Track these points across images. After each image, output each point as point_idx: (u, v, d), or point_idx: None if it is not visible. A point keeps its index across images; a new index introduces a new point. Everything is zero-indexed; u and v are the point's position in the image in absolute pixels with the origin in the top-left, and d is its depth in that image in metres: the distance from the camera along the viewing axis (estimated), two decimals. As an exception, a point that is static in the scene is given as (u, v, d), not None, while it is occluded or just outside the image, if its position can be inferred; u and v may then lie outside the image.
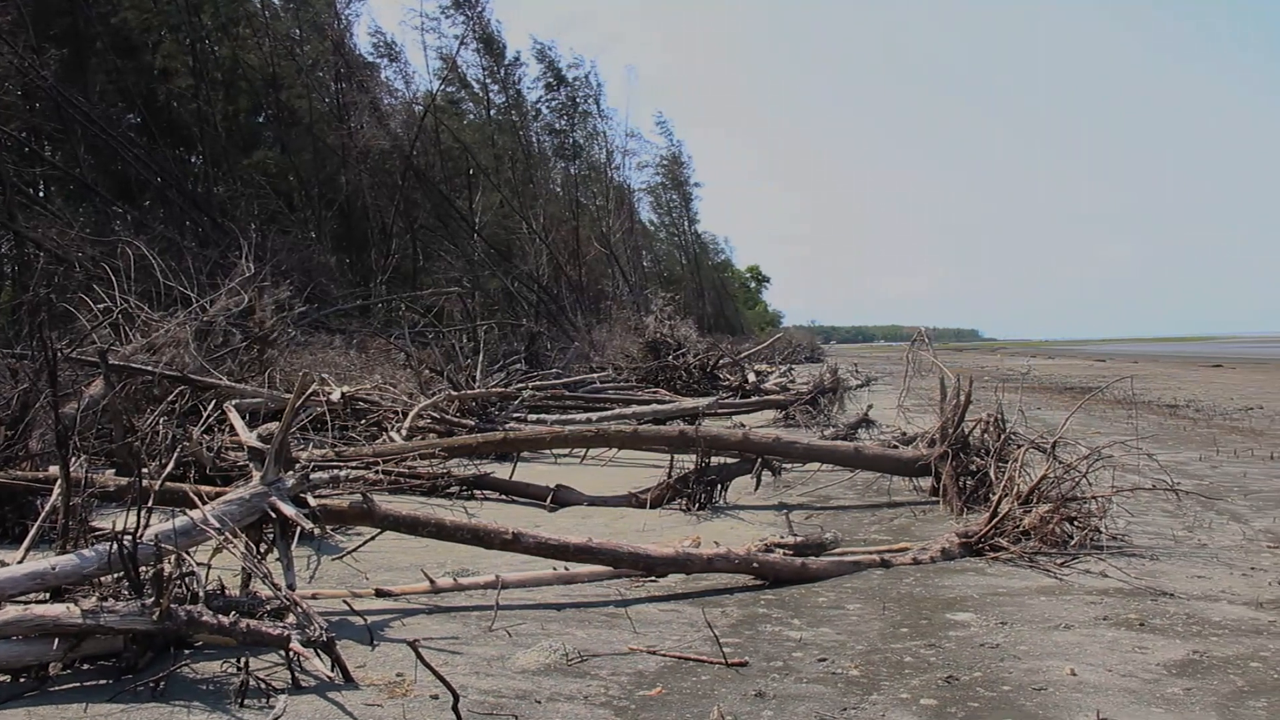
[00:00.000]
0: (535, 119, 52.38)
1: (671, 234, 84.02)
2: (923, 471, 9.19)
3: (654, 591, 6.00)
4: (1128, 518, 8.09)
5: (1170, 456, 12.45)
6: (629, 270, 59.07)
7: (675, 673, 4.49)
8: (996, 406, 9.00)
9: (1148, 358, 66.71)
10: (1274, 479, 10.69)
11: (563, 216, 50.22)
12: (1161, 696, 4.18)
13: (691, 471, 9.08)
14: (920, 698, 4.18)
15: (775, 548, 6.42)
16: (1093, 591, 5.92)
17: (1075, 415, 9.08)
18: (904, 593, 5.94)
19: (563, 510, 8.98)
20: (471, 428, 12.55)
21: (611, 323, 32.78)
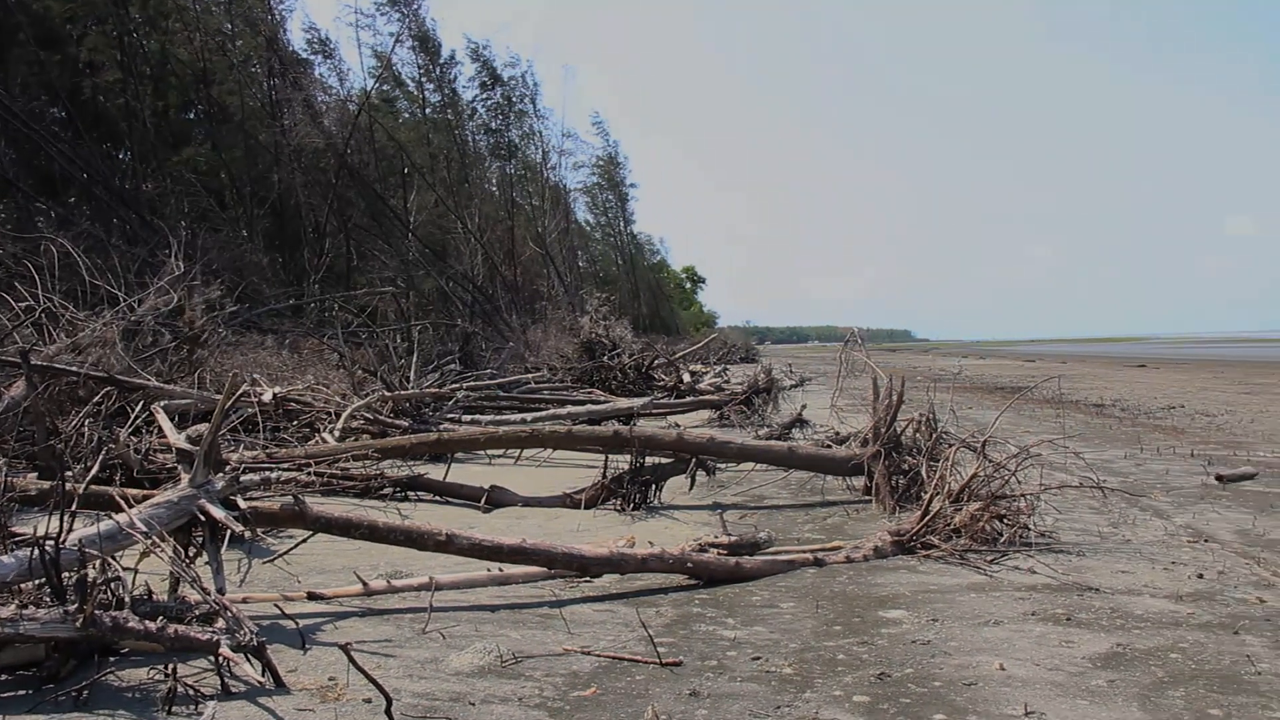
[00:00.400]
0: (471, 118, 52.15)
1: (607, 234, 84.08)
2: (856, 471, 9.27)
3: (589, 592, 5.99)
4: (1056, 515, 8.23)
5: (1096, 454, 12.69)
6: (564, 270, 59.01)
7: (610, 673, 4.50)
8: (928, 406, 9.11)
9: (1075, 358, 67.99)
10: (1194, 476, 10.93)
11: (498, 216, 50.04)
12: (1086, 689, 4.26)
13: (626, 472, 9.09)
14: (853, 694, 4.22)
15: (710, 547, 6.44)
16: (1021, 587, 6.02)
17: (1005, 415, 9.20)
18: (837, 591, 6.00)
19: (497, 511, 8.94)
20: (405, 429, 12.46)
21: (547, 323, 32.75)
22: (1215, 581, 6.17)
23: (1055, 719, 3.94)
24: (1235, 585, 6.09)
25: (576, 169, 75.74)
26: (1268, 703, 4.10)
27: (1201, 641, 4.94)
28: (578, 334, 24.17)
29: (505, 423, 13.89)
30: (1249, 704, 4.09)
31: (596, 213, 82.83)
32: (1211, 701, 4.11)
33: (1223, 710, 4.02)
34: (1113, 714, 3.99)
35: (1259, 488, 10.11)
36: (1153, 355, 70.08)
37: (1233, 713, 4.00)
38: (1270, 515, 8.54)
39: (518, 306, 43.03)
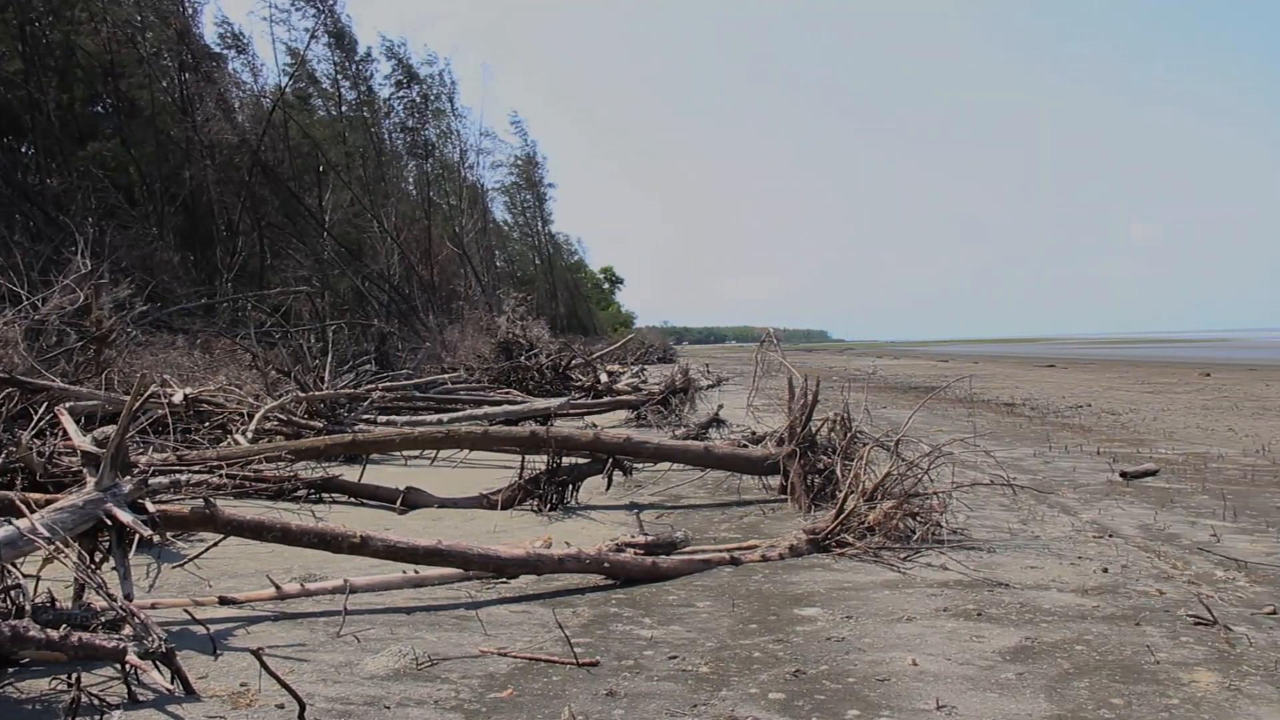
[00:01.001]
0: (387, 116, 51.58)
1: (525, 234, 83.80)
2: (772, 470, 9.34)
3: (505, 593, 5.97)
4: (967, 512, 8.37)
5: (1007, 453, 12.95)
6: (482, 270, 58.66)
7: (527, 674, 4.48)
8: (843, 406, 9.21)
9: (987, 358, 69.28)
10: (1100, 473, 11.21)
11: (415, 215, 49.56)
12: (996, 682, 4.35)
13: (543, 472, 9.07)
14: (769, 692, 4.25)
15: (626, 547, 6.45)
16: (934, 584, 6.11)
17: (918, 414, 9.37)
18: (753, 589, 6.04)
19: (413, 512, 8.87)
20: (320, 430, 12.29)
21: (464, 323, 32.53)
22: (1119, 575, 6.34)
23: (966, 712, 4.01)
24: (1137, 578, 6.25)
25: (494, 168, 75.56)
26: (1165, 690, 4.23)
27: (1105, 633, 5.07)
28: (495, 334, 24.06)
29: (421, 423, 13.77)
30: (1149, 692, 4.21)
31: (514, 212, 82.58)
32: (1114, 691, 4.22)
33: (1124, 699, 4.13)
34: (1021, 706, 4.07)
35: (1160, 484, 10.41)
36: (1062, 356, 71.68)
37: (1133, 701, 4.11)
38: (1170, 510, 8.80)
39: (434, 306, 42.69)
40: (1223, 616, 5.32)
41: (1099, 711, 4.00)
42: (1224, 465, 11.87)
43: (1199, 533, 7.82)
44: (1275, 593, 5.97)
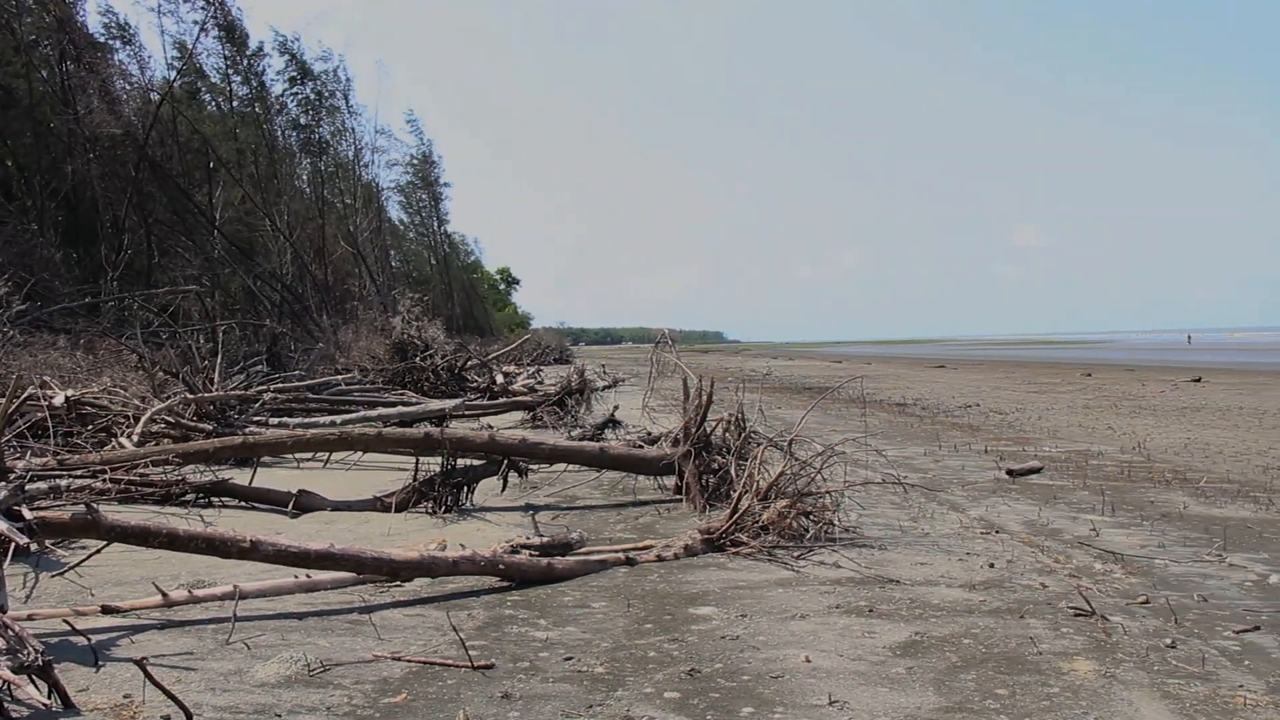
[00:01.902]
0: (280, 113, 50.58)
1: (421, 234, 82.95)
2: (667, 470, 9.38)
3: (399, 596, 5.89)
4: (860, 510, 8.52)
5: (899, 452, 13.20)
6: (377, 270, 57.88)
7: (421, 678, 4.43)
8: (738, 406, 9.30)
9: (880, 359, 70.58)
10: (988, 471, 11.49)
11: (309, 214, 48.68)
12: (887, 676, 4.43)
13: (438, 474, 8.98)
14: (664, 691, 4.26)
15: (521, 549, 6.43)
16: (827, 581, 6.20)
17: (812, 414, 9.48)
18: (648, 589, 6.06)
19: (306, 516, 8.71)
20: (209, 432, 12.01)
21: (358, 324, 32.06)
22: (1004, 570, 6.51)
23: (858, 707, 4.07)
24: (1022, 573, 6.43)
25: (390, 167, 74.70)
26: (1046, 680, 4.36)
27: (991, 627, 5.20)
28: (389, 335, 23.76)
29: (314, 425, 13.55)
30: (1031, 682, 4.33)
31: (410, 212, 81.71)
32: (999, 682, 4.33)
33: (1008, 690, 4.24)
34: (910, 699, 4.15)
35: (1044, 481, 10.71)
36: (952, 356, 73.32)
37: (1017, 691, 4.22)
38: (1053, 506, 9.06)
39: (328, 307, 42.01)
40: (1100, 607, 5.52)
41: (985, 702, 4.10)
42: (1103, 462, 12.26)
43: (1080, 527, 8.08)
44: (1148, 583, 6.22)
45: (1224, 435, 15.48)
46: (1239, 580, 6.35)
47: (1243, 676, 4.47)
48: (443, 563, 5.95)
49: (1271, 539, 7.62)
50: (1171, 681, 4.36)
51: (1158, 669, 4.53)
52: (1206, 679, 4.41)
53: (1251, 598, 5.93)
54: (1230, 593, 6.04)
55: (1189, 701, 4.12)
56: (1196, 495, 9.64)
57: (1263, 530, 7.94)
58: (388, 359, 22.88)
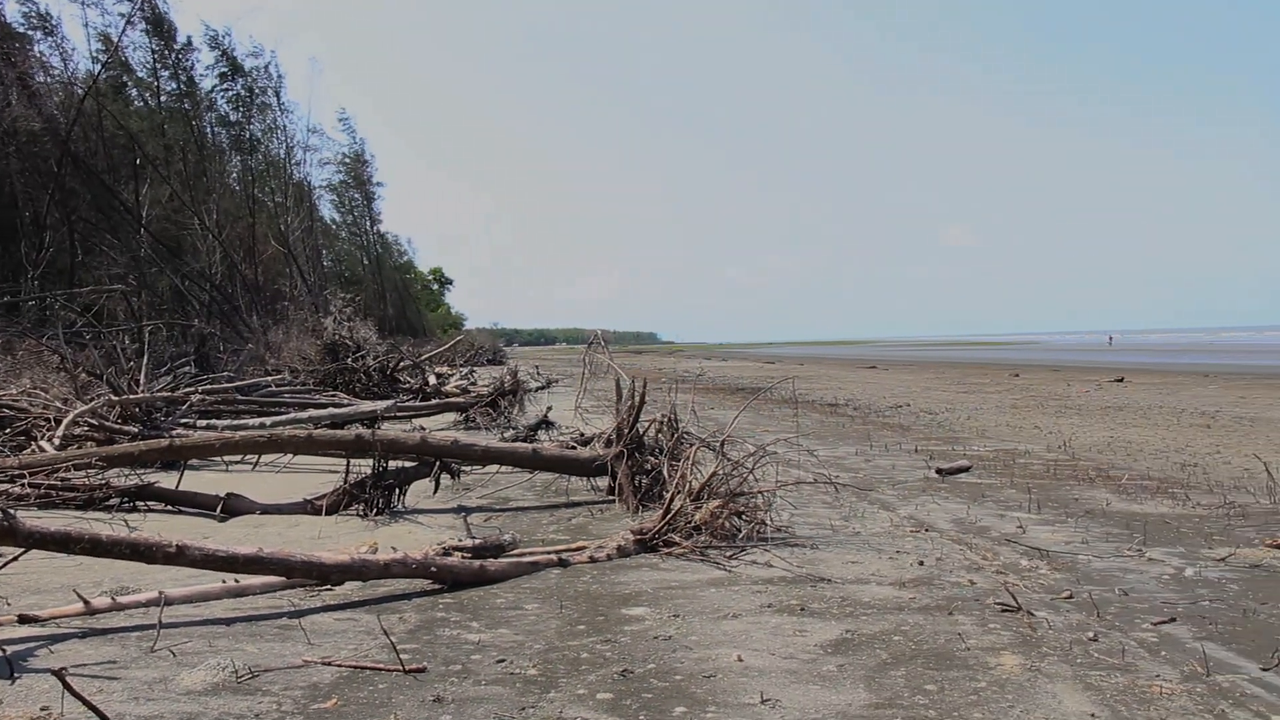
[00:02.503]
0: (210, 109, 49.85)
1: (353, 233, 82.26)
2: (600, 471, 9.39)
3: (329, 600, 5.83)
4: (792, 510, 8.59)
5: (830, 452, 13.33)
6: (308, 270, 57.28)
7: (352, 683, 4.39)
8: (670, 407, 9.33)
9: (812, 360, 71.17)
10: (917, 470, 11.63)
11: (239, 213, 48.01)
12: (818, 674, 4.47)
13: (369, 476, 8.90)
14: (597, 692, 4.27)
15: (454, 551, 6.39)
16: (759, 581, 6.24)
17: (744, 415, 9.54)
18: (581, 591, 6.06)
19: (234, 520, 8.58)
20: (134, 435, 11.79)
21: (289, 324, 31.65)
22: (934, 568, 6.60)
23: (790, 705, 4.10)
24: (951, 570, 6.53)
25: (322, 166, 74.04)
26: (974, 675, 4.44)
27: (921, 624, 5.27)
28: (321, 335, 23.49)
29: (243, 427, 13.37)
30: (959, 677, 4.40)
31: (343, 211, 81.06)
32: (928, 678, 4.39)
33: (937, 685, 4.30)
34: (842, 696, 4.19)
35: (973, 479, 10.87)
36: (883, 357, 74.15)
37: (945, 686, 4.29)
38: (981, 504, 9.21)
39: (258, 307, 41.50)
40: (1026, 603, 5.64)
41: (914, 698, 4.16)
42: (1030, 461, 12.47)
43: (1007, 525, 8.22)
44: (1072, 579, 6.36)
45: (1145, 434, 15.83)
46: (1157, 574, 6.52)
47: (1159, 667, 4.61)
48: (374, 565, 5.90)
49: (1188, 534, 7.82)
50: (1093, 673, 4.47)
51: (1080, 661, 4.64)
52: (1126, 670, 4.53)
53: (1169, 590, 6.09)
54: (1149, 586, 6.20)
55: (1109, 692, 4.22)
56: (1119, 492, 9.85)
57: (1180, 525, 8.15)
58: (319, 360, 22.62)
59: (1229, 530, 7.96)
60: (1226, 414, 19.31)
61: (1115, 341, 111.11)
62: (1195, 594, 6.01)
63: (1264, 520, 8.35)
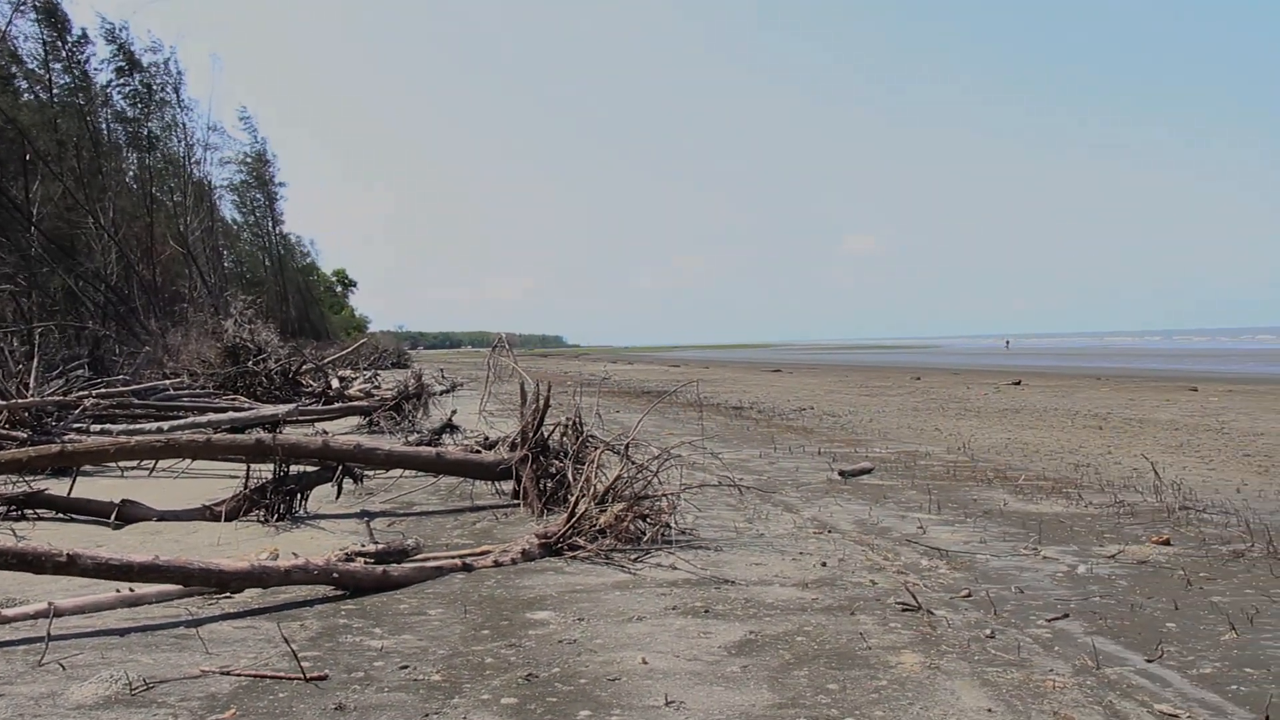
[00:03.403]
0: (105, 105, 48.46)
1: (255, 234, 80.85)
2: (505, 475, 9.35)
3: (229, 608, 5.72)
4: (696, 513, 8.64)
5: (734, 454, 13.42)
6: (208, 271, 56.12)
7: (251, 692, 4.31)
8: (575, 410, 9.33)
9: (718, 363, 71.66)
10: (821, 472, 11.77)
11: (136, 212, 46.78)
12: (722, 676, 4.50)
13: (270, 481, 8.75)
14: (501, 697, 4.25)
15: (356, 556, 6.32)
16: (663, 583, 6.26)
17: (649, 418, 9.58)
18: (485, 595, 6.03)
19: (129, 527, 8.38)
20: (23, 440, 11.44)
21: (188, 326, 30.96)
22: (836, 568, 6.69)
23: (694, 706, 4.12)
24: (853, 570, 6.62)
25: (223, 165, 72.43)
26: (875, 673, 4.51)
27: (823, 624, 5.34)
28: (221, 338, 23.03)
29: (140, 432, 13.06)
30: (861, 676, 4.47)
31: (244, 212, 79.63)
32: (830, 677, 4.45)
33: (839, 684, 4.36)
34: (745, 697, 4.23)
35: (875, 481, 11.04)
36: (787, 361, 74.93)
37: (847, 685, 4.34)
38: (882, 505, 9.35)
39: (156, 309, 40.50)
40: (926, 602, 5.75)
41: (816, 697, 4.21)
42: (931, 462, 12.70)
43: (908, 525, 8.36)
44: (971, 577, 6.49)
45: (1041, 435, 16.23)
46: (1051, 571, 6.69)
47: (1053, 662, 4.73)
48: (275, 572, 5.80)
49: (1080, 532, 8.04)
50: (990, 670, 4.57)
51: (978, 658, 4.74)
52: (1021, 665, 4.65)
53: (1062, 588, 6.26)
54: (1044, 584, 6.36)
55: (1005, 688, 4.32)
56: (1015, 493, 10.08)
57: (1073, 524, 8.37)
58: (219, 363, 22.19)
59: (1119, 528, 8.21)
60: (1117, 416, 19.87)
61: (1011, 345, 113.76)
62: (1087, 590, 6.19)
63: (1151, 518, 8.62)
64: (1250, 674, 4.61)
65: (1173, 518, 8.61)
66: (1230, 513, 8.76)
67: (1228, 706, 4.19)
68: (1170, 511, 8.87)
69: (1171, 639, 5.16)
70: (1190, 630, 5.33)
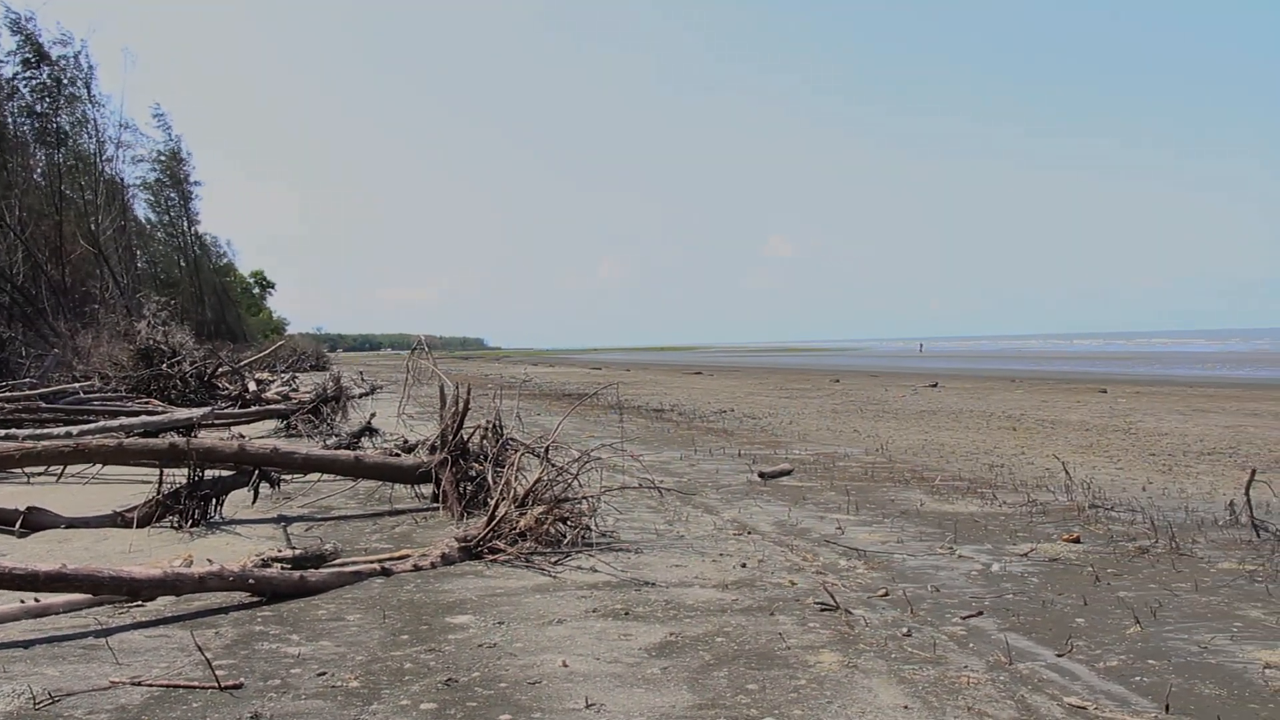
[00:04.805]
0: (11, 98, 47.15)
1: (170, 234, 79.24)
2: (424, 478, 9.27)
3: (140, 617, 5.60)
4: (617, 515, 8.65)
5: (655, 456, 13.46)
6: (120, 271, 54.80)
7: (163, 703, 4.22)
8: (495, 413, 9.29)
9: (639, 365, 71.75)
10: (741, 474, 11.86)
11: (44, 210, 45.60)
12: (643, 677, 4.51)
13: (184, 486, 8.59)
14: (420, 703, 4.21)
15: (273, 562, 6.23)
16: (584, 586, 6.26)
17: (570, 420, 9.58)
18: (405, 600, 5.98)
19: (36, 535, 8.15)
20: (-77, 446, 11.10)
21: (99, 328, 30.27)
22: (756, 569, 6.74)
23: (614, 709, 4.13)
24: (772, 571, 6.68)
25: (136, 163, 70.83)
26: (794, 673, 4.55)
27: (743, 624, 5.38)
28: (134, 340, 22.53)
29: (48, 436, 12.70)
30: (780, 676, 4.51)
31: (159, 211, 77.97)
32: (750, 678, 4.48)
33: (758, 684, 4.40)
34: (665, 699, 4.24)
35: (794, 482, 11.15)
36: (708, 363, 75.32)
37: (767, 685, 4.38)
38: (802, 506, 9.45)
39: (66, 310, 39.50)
40: (844, 601, 5.82)
41: (736, 698, 4.24)
42: (849, 464, 12.86)
43: (827, 526, 8.46)
44: (888, 577, 6.60)
45: (957, 436, 16.51)
46: (966, 570, 6.82)
47: (967, 658, 4.83)
48: (188, 579, 5.69)
49: (995, 531, 8.20)
50: (907, 667, 4.64)
51: (895, 656, 4.81)
52: (937, 663, 4.73)
53: (976, 586, 6.39)
54: (959, 582, 6.48)
55: (921, 685, 4.40)
56: (932, 493, 10.25)
57: (987, 524, 8.53)
58: (132, 366, 21.71)
59: (1032, 527, 8.39)
60: (1031, 417, 20.28)
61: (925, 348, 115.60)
62: (1000, 588, 6.32)
63: (1062, 516, 8.82)
64: (1153, 665, 4.77)
65: (1083, 516, 8.82)
66: (1136, 510, 9.00)
67: (1132, 698, 4.33)
68: (1080, 510, 9.09)
69: (1080, 634, 5.30)
70: (1098, 625, 5.48)
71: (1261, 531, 7.78)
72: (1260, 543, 7.59)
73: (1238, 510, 8.30)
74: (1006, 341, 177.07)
